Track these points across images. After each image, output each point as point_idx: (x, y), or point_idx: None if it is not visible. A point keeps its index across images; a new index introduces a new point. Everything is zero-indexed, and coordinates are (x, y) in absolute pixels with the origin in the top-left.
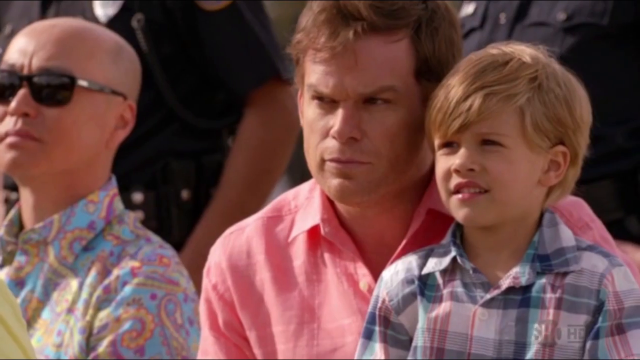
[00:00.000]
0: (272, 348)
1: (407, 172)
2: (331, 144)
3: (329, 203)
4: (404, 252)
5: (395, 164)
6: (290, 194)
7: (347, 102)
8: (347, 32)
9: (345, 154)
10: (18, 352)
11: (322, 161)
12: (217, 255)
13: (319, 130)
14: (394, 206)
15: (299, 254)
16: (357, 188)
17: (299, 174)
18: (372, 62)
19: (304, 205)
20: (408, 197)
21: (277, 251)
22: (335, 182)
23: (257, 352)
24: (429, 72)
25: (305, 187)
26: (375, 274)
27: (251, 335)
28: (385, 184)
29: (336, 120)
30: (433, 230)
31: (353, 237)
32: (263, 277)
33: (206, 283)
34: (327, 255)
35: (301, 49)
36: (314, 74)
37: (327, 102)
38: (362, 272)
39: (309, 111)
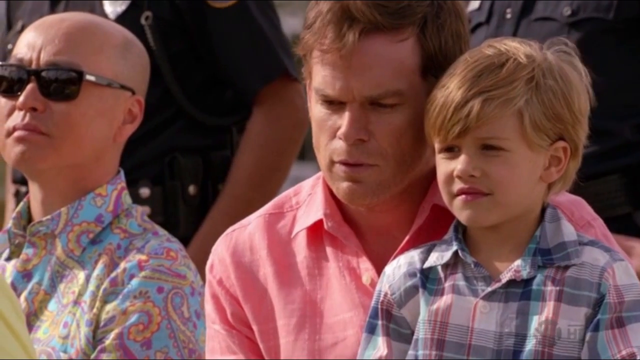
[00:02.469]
0: (274, 342)
1: (415, 169)
2: (339, 145)
3: (332, 198)
4: (408, 247)
5: (402, 163)
6: (291, 191)
7: (354, 104)
8: (352, 33)
9: (352, 156)
10: (17, 348)
11: (332, 162)
12: (220, 251)
13: (327, 131)
14: (400, 203)
15: (300, 249)
16: (366, 191)
17: None
18: (377, 63)
19: (306, 202)
20: (413, 193)
21: (279, 247)
22: (344, 185)
23: (260, 346)
24: (435, 68)
25: (307, 183)
26: (378, 267)
27: (255, 330)
28: (394, 184)
29: (343, 122)
30: (437, 225)
31: (356, 231)
32: (266, 271)
33: (210, 279)
34: (329, 250)
35: (308, 48)
36: (320, 74)
37: (335, 103)
38: (365, 266)
39: (316, 110)
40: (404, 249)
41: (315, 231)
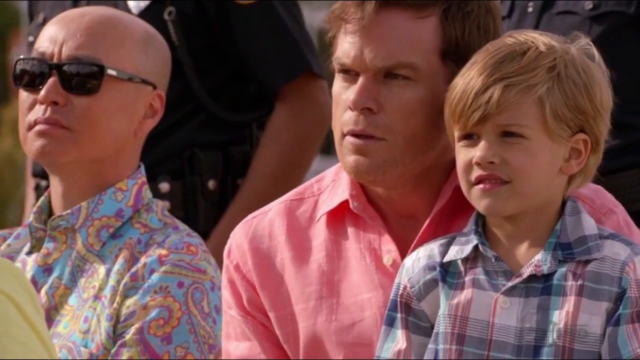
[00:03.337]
0: (292, 328)
1: (427, 154)
2: (348, 115)
3: (357, 181)
4: (430, 229)
5: (412, 143)
6: (313, 179)
7: (367, 74)
8: (370, 3)
9: (358, 124)
10: (35, 340)
11: (342, 135)
12: (239, 237)
13: (342, 103)
14: (418, 186)
15: (320, 233)
16: (372, 166)
17: None
18: (394, 35)
19: (329, 188)
20: (433, 176)
21: (299, 232)
22: (351, 158)
23: (277, 333)
24: (457, 55)
25: (330, 171)
26: (401, 249)
27: (271, 317)
28: (402, 164)
29: (354, 90)
30: (459, 208)
31: (379, 214)
32: (284, 256)
33: (227, 264)
34: (351, 231)
35: (334, 21)
36: (341, 45)
37: (351, 75)
38: (387, 248)
39: (335, 85)
40: (426, 230)
41: (336, 214)
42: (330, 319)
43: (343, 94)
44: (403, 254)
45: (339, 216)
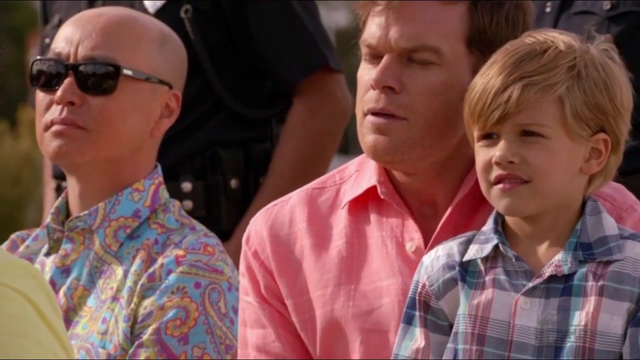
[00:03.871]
0: (309, 315)
1: (448, 139)
2: (370, 94)
3: (383, 168)
4: (452, 218)
5: (433, 126)
6: (335, 170)
7: (391, 54)
8: None
9: (379, 103)
10: (53, 341)
11: (363, 115)
12: (258, 224)
13: (365, 85)
14: (440, 175)
15: (341, 220)
16: (391, 145)
17: None
18: (420, 18)
19: (353, 177)
20: (456, 167)
21: (320, 219)
22: (370, 137)
23: (294, 320)
24: (483, 44)
25: (353, 162)
26: (424, 237)
27: (288, 304)
28: (422, 146)
29: (376, 69)
30: (481, 197)
31: (404, 202)
32: (303, 244)
33: (246, 250)
34: (373, 218)
35: (365, 5)
36: (368, 27)
37: (376, 57)
38: (410, 235)
39: (360, 69)
40: (448, 220)
41: (359, 202)
42: (347, 305)
43: (366, 75)
44: (425, 243)
45: (362, 204)
